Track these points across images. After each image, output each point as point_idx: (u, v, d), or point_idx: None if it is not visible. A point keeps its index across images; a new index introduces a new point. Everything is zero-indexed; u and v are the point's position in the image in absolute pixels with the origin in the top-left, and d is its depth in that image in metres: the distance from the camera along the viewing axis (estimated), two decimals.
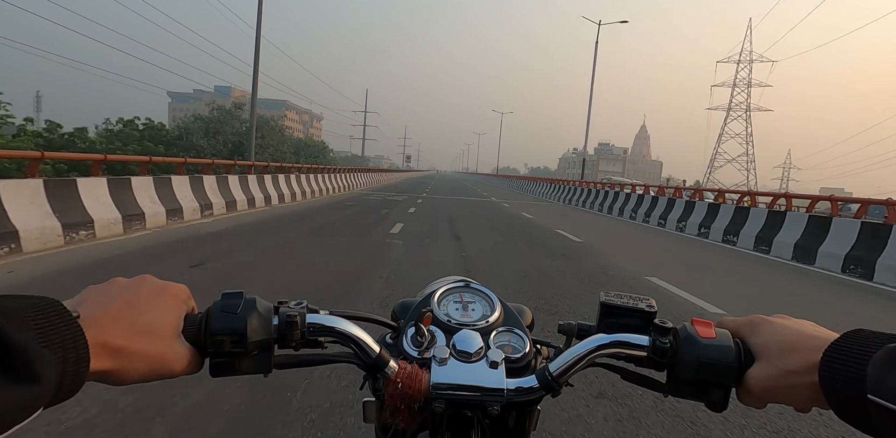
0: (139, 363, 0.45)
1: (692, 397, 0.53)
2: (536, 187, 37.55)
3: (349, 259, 6.62)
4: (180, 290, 0.52)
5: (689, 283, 6.33)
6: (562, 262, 7.35)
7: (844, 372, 0.42)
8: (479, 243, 8.88)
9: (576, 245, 9.50)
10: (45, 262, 5.55)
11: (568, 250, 8.62)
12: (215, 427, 2.33)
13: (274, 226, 9.74)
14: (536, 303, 4.77)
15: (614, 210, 19.60)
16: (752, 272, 8.19)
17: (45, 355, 0.36)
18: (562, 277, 6.24)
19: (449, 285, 0.69)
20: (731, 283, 7.20)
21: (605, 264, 7.40)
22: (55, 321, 0.39)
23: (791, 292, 6.78)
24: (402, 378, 0.54)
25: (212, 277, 5.24)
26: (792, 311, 0.57)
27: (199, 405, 2.50)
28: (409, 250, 7.47)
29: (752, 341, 0.52)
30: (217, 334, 0.49)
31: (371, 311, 0.70)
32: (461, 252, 7.73)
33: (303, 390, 2.70)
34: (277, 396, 2.62)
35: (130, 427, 2.27)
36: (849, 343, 0.44)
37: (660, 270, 7.22)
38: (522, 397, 0.55)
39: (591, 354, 0.56)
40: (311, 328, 0.54)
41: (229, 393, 2.61)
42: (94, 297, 0.47)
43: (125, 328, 0.45)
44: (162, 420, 2.34)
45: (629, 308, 0.59)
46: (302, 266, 6.04)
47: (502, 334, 0.62)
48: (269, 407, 2.52)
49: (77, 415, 2.31)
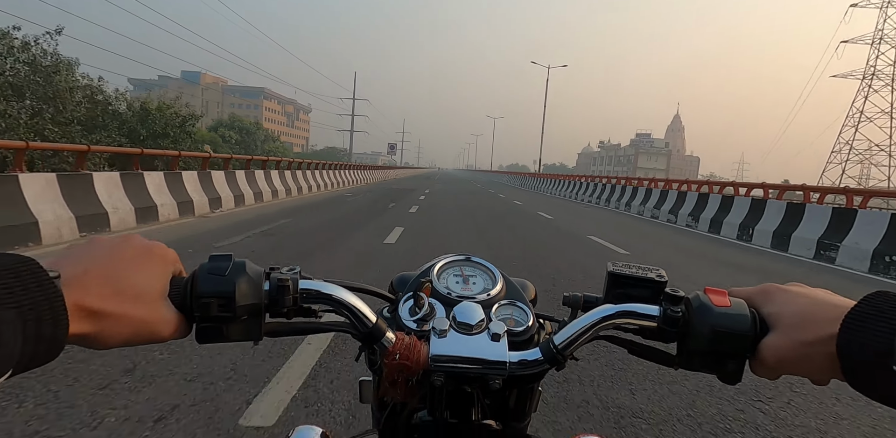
0: (122, 326, 0.43)
1: (705, 369, 0.50)
2: (566, 187, 29.65)
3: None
4: (167, 251, 0.49)
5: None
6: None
7: (866, 342, 0.40)
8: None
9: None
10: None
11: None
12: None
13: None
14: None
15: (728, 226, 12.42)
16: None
17: (5, 316, 0.34)
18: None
19: (449, 258, 0.67)
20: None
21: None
22: (27, 280, 0.36)
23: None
24: (400, 349, 0.52)
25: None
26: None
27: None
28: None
29: (766, 310, 0.49)
30: (203, 296, 0.47)
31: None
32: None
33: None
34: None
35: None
36: (870, 310, 0.41)
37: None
38: (526, 370, 0.53)
39: (597, 325, 0.53)
40: (304, 294, 0.52)
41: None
42: (74, 255, 0.44)
43: (108, 289, 0.43)
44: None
45: (638, 278, 0.57)
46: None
47: (504, 307, 0.60)
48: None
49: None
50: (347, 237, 7.95)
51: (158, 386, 2.57)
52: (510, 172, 76.27)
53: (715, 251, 9.52)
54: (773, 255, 9.70)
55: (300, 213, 11.49)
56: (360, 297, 0.55)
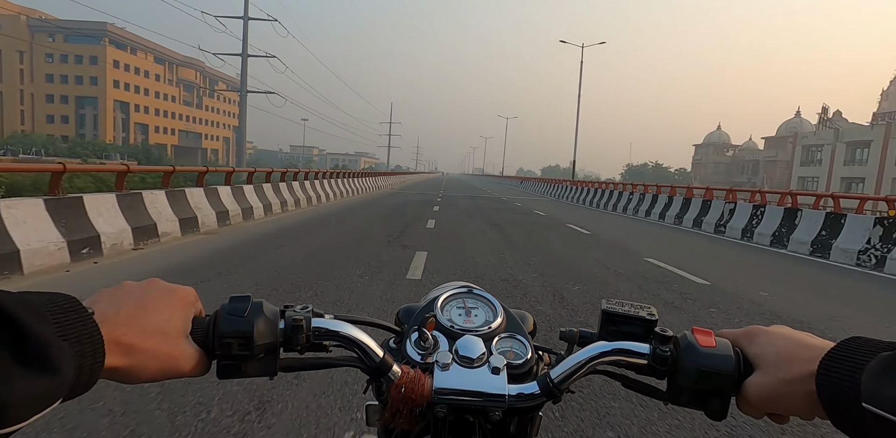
0: (150, 361, 0.47)
1: (692, 405, 0.53)
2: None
3: None
4: (188, 293, 0.53)
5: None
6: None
7: (840, 381, 0.43)
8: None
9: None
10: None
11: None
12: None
13: None
14: None
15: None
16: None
17: (63, 347, 0.37)
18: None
19: (452, 290, 0.70)
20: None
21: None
22: (72, 316, 0.40)
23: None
24: (405, 383, 0.55)
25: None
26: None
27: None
28: None
29: (750, 350, 0.53)
30: (225, 336, 0.50)
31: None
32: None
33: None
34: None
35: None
36: (844, 352, 0.44)
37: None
38: (524, 403, 0.56)
39: (593, 361, 0.57)
40: (317, 331, 0.55)
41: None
42: (105, 298, 0.48)
43: (136, 327, 0.46)
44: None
45: (630, 316, 0.60)
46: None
47: (504, 340, 0.63)
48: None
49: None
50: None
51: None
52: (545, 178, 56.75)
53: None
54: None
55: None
56: (367, 331, 0.58)
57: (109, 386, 2.63)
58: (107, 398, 2.61)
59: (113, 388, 2.66)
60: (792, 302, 5.83)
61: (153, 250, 7.26)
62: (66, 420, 2.37)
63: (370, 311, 4.48)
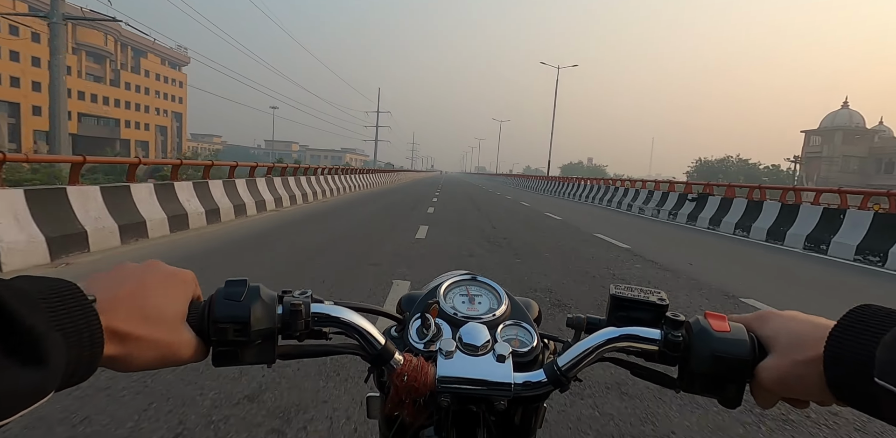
0: (148, 349, 0.45)
1: (705, 392, 0.51)
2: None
3: None
4: (188, 276, 0.51)
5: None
6: None
7: (850, 355, 0.41)
8: None
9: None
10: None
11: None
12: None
13: None
14: None
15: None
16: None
17: (53, 338, 0.36)
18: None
19: (455, 277, 0.68)
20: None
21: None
22: (70, 304, 0.39)
23: None
24: (408, 371, 0.54)
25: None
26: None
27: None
28: None
29: (763, 334, 0.50)
30: (220, 321, 0.49)
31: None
32: None
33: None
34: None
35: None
36: (855, 324, 0.42)
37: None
38: (530, 391, 0.54)
39: (601, 348, 0.54)
40: (316, 317, 0.54)
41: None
42: (103, 281, 0.47)
43: (135, 312, 0.45)
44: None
45: (640, 301, 0.57)
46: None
47: (509, 327, 0.61)
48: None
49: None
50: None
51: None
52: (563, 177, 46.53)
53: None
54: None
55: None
56: (369, 318, 0.57)
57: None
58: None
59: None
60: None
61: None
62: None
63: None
